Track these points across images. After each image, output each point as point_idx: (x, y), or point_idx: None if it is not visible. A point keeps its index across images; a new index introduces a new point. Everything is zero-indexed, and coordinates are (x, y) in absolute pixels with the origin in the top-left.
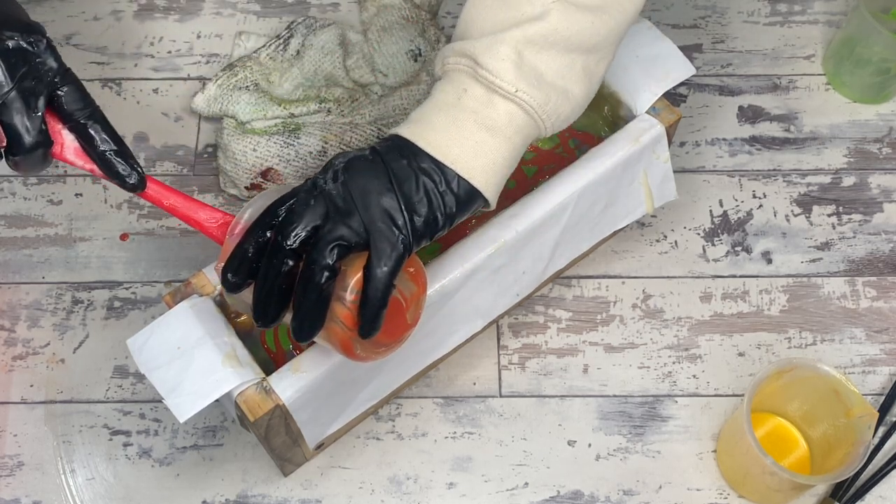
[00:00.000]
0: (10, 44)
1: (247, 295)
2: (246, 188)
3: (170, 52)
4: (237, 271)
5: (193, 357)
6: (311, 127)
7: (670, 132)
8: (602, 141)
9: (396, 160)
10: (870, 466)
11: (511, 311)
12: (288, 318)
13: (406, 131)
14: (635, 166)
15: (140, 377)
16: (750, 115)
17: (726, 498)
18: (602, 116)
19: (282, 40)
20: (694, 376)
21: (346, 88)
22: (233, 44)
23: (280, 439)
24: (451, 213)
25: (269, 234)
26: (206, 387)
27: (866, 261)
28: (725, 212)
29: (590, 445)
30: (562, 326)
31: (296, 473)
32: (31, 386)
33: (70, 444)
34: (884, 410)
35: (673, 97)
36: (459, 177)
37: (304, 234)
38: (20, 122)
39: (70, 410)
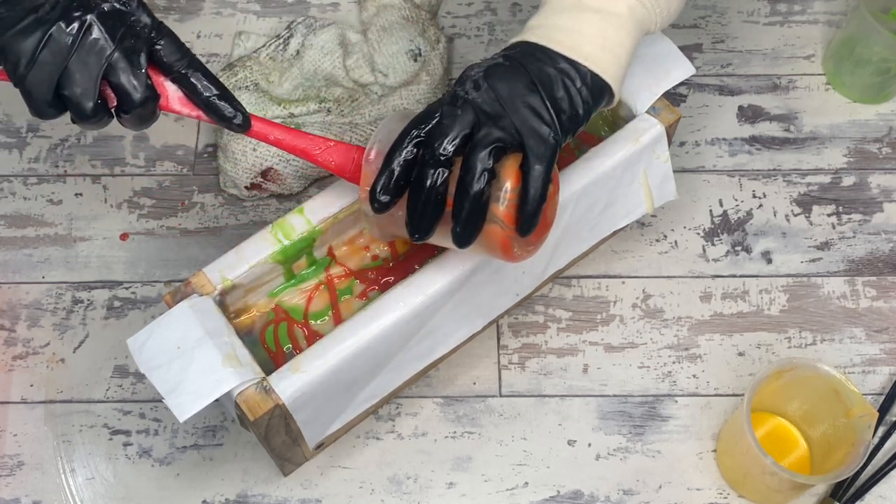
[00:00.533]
0: (106, 7)
1: (384, 219)
2: (246, 188)
3: None
4: (387, 190)
5: (193, 357)
6: (311, 127)
7: (670, 132)
8: (602, 141)
9: (533, 63)
10: (870, 466)
11: (511, 311)
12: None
13: (532, 36)
14: (635, 166)
15: (140, 377)
16: (750, 114)
17: (726, 498)
18: (602, 116)
19: (282, 40)
20: (694, 376)
21: (346, 88)
22: (233, 44)
23: (280, 439)
24: (588, 107)
25: (413, 151)
26: (206, 386)
27: (866, 261)
28: (725, 212)
29: (590, 445)
30: (562, 326)
31: (296, 473)
32: (31, 386)
33: (70, 443)
34: (884, 410)
35: (673, 97)
36: (591, 72)
37: (457, 142)
38: (127, 80)
39: (70, 410)
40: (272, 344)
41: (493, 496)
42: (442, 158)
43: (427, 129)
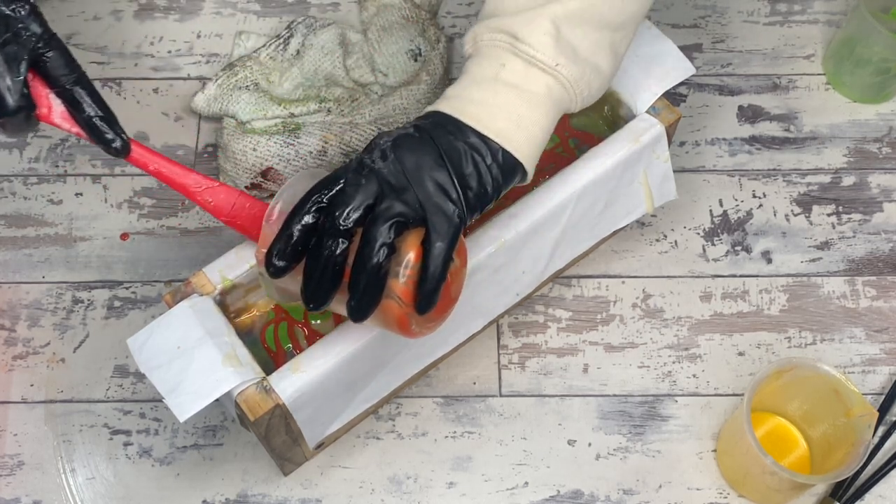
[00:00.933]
0: None
1: (283, 282)
2: (246, 187)
3: (170, 51)
4: (283, 255)
5: (193, 357)
6: (312, 127)
7: (670, 132)
8: (602, 141)
9: (444, 136)
10: (870, 466)
11: (511, 311)
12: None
13: (446, 107)
14: (635, 166)
15: (140, 377)
16: (750, 114)
17: (726, 497)
18: (602, 116)
19: (282, 40)
20: (694, 376)
21: (346, 88)
22: (233, 43)
23: (280, 439)
24: (498, 185)
25: (314, 217)
26: (206, 386)
27: (866, 260)
28: (725, 211)
29: (590, 445)
30: (562, 326)
31: (296, 473)
32: (32, 385)
33: (70, 443)
34: (884, 410)
35: (673, 97)
36: (503, 149)
37: (358, 213)
38: (2, 84)
39: (70, 410)
40: (272, 344)
41: (493, 496)
42: (342, 228)
43: (329, 195)
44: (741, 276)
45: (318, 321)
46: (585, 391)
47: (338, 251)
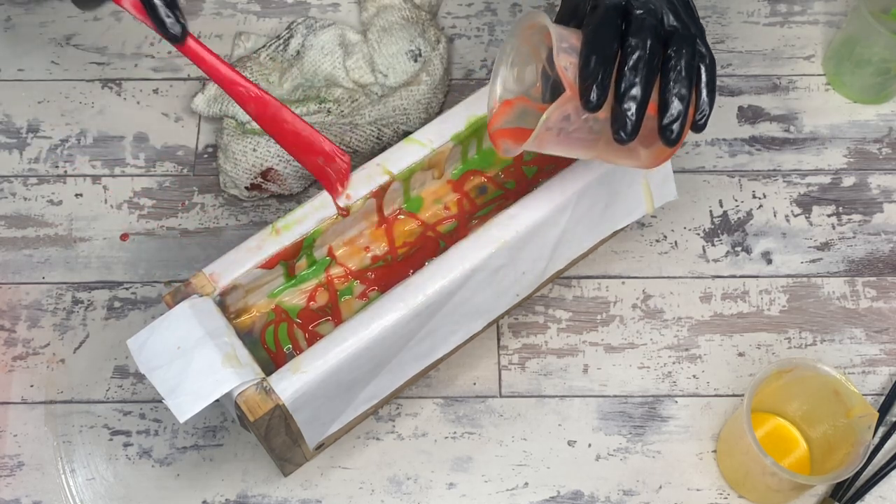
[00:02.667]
0: None
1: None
2: (246, 188)
3: (170, 52)
4: (602, 88)
5: (193, 357)
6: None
7: None
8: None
9: None
10: (870, 466)
11: (511, 312)
12: None
13: None
14: None
15: (140, 377)
16: (750, 115)
17: (726, 498)
18: None
19: (282, 41)
20: (694, 376)
21: (346, 89)
22: (233, 44)
23: (280, 439)
24: None
25: (615, 48)
26: (206, 387)
27: (866, 261)
28: (725, 212)
29: (590, 445)
30: (562, 326)
31: (296, 473)
32: (32, 386)
33: (70, 444)
34: (884, 410)
35: None
36: None
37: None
38: None
39: (70, 410)
40: (272, 344)
41: (493, 496)
42: (651, 54)
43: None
44: (741, 276)
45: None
46: (585, 392)
47: (656, 61)
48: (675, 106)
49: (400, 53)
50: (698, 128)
